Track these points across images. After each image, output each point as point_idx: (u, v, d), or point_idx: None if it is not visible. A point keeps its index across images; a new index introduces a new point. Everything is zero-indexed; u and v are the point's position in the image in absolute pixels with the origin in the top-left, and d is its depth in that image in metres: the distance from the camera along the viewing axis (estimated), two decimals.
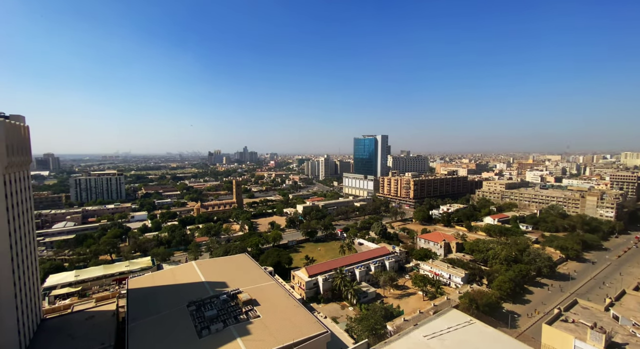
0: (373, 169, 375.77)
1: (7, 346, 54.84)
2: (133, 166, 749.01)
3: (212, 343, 55.14)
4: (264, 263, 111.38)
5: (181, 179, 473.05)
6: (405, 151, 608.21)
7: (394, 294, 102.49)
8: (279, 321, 61.86)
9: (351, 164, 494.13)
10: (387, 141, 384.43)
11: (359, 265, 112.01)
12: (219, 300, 69.62)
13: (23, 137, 65.81)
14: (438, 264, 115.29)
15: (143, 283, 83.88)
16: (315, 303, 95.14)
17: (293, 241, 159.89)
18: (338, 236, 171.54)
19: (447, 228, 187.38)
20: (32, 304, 67.03)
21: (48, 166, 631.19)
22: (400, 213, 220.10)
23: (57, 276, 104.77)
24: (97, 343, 63.24)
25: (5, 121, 57.11)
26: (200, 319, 62.62)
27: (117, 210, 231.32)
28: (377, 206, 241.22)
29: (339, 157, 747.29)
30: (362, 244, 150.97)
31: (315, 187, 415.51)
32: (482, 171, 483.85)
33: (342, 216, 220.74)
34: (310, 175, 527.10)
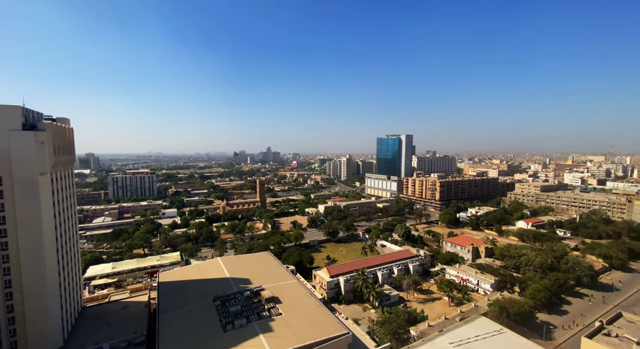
0: (397, 170, 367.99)
1: (52, 331, 59.85)
2: (164, 166, 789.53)
3: (236, 338, 56.58)
4: (285, 262, 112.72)
5: (208, 178, 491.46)
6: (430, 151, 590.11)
7: (417, 299, 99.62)
8: (300, 319, 62.24)
9: (374, 165, 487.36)
10: (412, 141, 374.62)
11: (381, 267, 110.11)
12: (242, 296, 71.36)
13: (68, 138, 71.43)
14: (465, 269, 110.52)
15: (172, 276, 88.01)
16: (337, 304, 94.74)
17: (314, 240, 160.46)
18: (360, 237, 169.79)
19: (475, 232, 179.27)
20: (74, 293, 72.60)
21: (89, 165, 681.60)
22: (425, 215, 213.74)
23: (96, 267, 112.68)
24: (131, 331, 67.27)
25: (52, 123, 62.33)
26: (225, 314, 64.50)
27: (150, 207, 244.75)
28: (400, 207, 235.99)
29: (361, 157, 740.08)
30: (385, 246, 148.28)
31: (337, 187, 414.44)
32: (514, 172, 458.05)
33: (364, 217, 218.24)
34: (332, 175, 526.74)
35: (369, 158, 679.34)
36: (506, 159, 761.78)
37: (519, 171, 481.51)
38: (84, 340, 64.15)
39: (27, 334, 57.12)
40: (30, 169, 56.06)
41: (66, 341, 63.26)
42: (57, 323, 60.97)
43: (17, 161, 54.92)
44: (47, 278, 58.50)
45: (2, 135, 53.62)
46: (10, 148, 54.31)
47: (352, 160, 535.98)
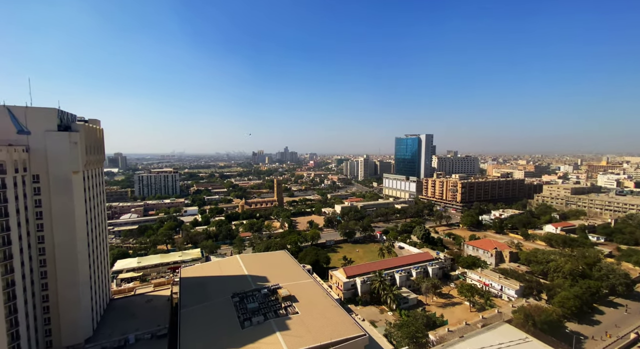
0: (416, 170, 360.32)
1: (83, 321, 63.41)
2: (186, 165, 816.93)
3: (253, 334, 57.49)
4: (302, 261, 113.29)
5: (228, 177, 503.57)
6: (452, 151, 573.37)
7: (437, 303, 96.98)
8: (316, 319, 62.30)
9: (392, 165, 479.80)
10: (432, 141, 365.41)
11: (399, 269, 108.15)
12: (260, 294, 72.44)
13: (98, 139, 75.45)
14: (488, 273, 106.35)
15: (193, 272, 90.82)
16: (353, 305, 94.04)
17: (331, 240, 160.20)
18: (377, 238, 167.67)
19: (499, 235, 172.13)
20: (103, 285, 76.59)
21: (117, 164, 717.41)
22: (446, 217, 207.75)
23: (123, 261, 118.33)
24: (155, 324, 70.07)
25: (84, 125, 66.03)
26: (243, 310, 65.73)
27: (173, 204, 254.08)
28: (419, 208, 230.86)
29: (379, 157, 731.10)
30: (403, 248, 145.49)
31: (354, 187, 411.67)
32: (542, 173, 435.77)
33: (382, 218, 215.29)
34: (349, 175, 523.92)
35: (387, 158, 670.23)
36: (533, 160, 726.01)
37: (547, 172, 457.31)
38: (111, 330, 67.55)
39: (60, 323, 60.88)
40: (64, 168, 59.71)
41: (95, 331, 66.86)
42: (87, 313, 64.55)
43: (52, 160, 58.66)
44: (79, 270, 62.08)
45: (40, 135, 57.45)
46: (47, 148, 58.08)
47: (370, 160, 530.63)
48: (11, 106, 55.47)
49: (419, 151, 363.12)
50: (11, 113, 55.16)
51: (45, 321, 60.18)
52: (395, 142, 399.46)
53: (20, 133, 55.95)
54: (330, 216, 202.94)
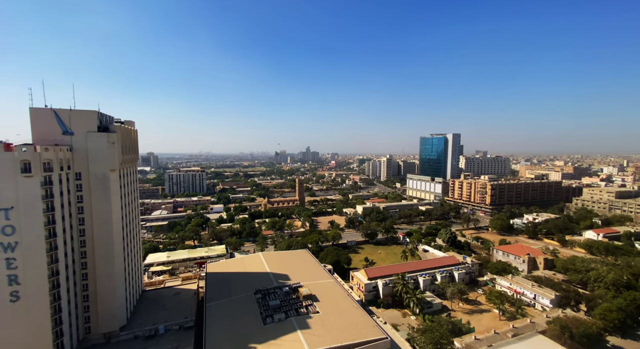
0: (442, 171, 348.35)
1: (118, 310, 67.62)
2: (213, 164, 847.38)
3: (275, 331, 58.33)
4: (323, 261, 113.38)
5: (251, 176, 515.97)
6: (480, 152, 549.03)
7: (463, 309, 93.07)
8: (337, 319, 62.03)
9: (416, 165, 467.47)
10: (460, 140, 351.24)
11: (423, 273, 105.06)
12: (281, 291, 73.39)
13: (133, 139, 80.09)
14: (520, 281, 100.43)
15: (218, 268, 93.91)
16: (375, 307, 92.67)
17: (352, 241, 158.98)
18: (400, 241, 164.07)
19: (532, 241, 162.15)
20: (136, 277, 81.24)
21: (150, 163, 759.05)
22: (474, 220, 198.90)
23: (154, 255, 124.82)
24: (182, 316, 73.25)
25: (121, 126, 70.34)
26: (265, 307, 66.92)
27: (200, 202, 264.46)
28: (445, 211, 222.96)
29: (402, 157, 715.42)
30: (427, 251, 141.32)
31: (376, 188, 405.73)
32: (582, 175, 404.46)
33: (405, 220, 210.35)
34: (371, 175, 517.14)
35: (410, 158, 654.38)
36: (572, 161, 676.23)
37: (587, 174, 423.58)
38: (143, 320, 71.48)
39: (98, 311, 65.37)
40: (103, 166, 64.01)
41: (129, 320, 71.09)
42: (122, 303, 68.77)
43: (93, 158, 63.10)
44: (114, 262, 66.30)
45: (82, 136, 62.01)
46: (88, 147, 62.57)
47: (393, 160, 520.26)
48: (57, 109, 60.36)
49: (445, 151, 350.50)
50: (57, 115, 60.02)
51: (85, 309, 64.88)
52: (420, 142, 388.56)
53: (65, 134, 60.73)
54: (351, 217, 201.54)
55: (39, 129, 59.00)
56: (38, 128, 58.99)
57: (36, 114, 58.99)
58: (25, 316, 51.79)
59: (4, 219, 49.86)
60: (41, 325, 53.37)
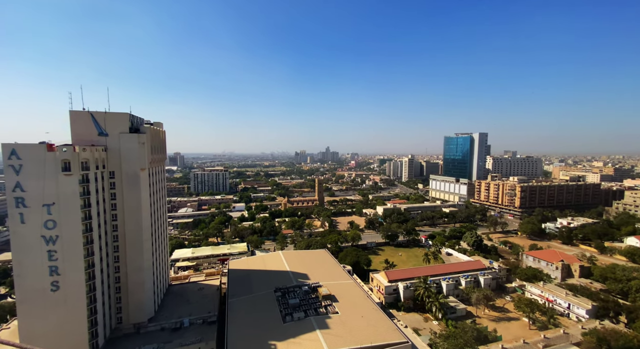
0: (467, 172, 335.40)
1: (146, 302, 71.04)
2: (235, 164, 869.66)
3: (294, 330, 58.74)
4: (342, 261, 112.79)
5: (272, 176, 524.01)
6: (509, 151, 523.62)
7: (489, 316, 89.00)
8: (357, 321, 61.42)
9: (440, 166, 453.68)
10: (487, 140, 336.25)
11: (446, 277, 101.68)
12: (301, 290, 73.80)
13: (161, 140, 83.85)
14: (553, 288, 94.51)
15: (240, 265, 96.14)
16: (395, 310, 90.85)
17: (372, 242, 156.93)
18: (422, 243, 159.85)
19: (567, 247, 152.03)
20: (163, 271, 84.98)
21: (176, 163, 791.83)
22: (501, 224, 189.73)
23: (180, 251, 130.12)
24: (206, 311, 75.68)
25: (150, 127, 73.83)
26: (285, 305, 67.60)
27: (223, 201, 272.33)
28: (470, 213, 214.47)
29: (425, 157, 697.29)
30: (451, 254, 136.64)
31: (397, 189, 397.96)
32: (623, 177, 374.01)
33: (428, 222, 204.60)
34: (392, 176, 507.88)
35: (434, 159, 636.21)
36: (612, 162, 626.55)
37: (630, 175, 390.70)
38: (169, 313, 74.65)
39: (128, 302, 69.04)
40: (134, 165, 67.50)
41: (156, 312, 74.47)
42: (150, 295, 72.20)
43: (125, 158, 66.72)
44: (144, 256, 69.74)
45: (115, 137, 65.74)
46: (121, 148, 66.24)
47: (415, 160, 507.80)
48: (93, 112, 64.40)
49: (471, 151, 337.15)
50: (94, 118, 64.03)
51: (117, 300, 68.72)
52: (444, 142, 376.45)
53: (100, 135, 64.67)
54: (371, 218, 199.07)
55: (78, 130, 63.19)
56: (77, 129, 63.20)
57: (75, 117, 63.22)
58: (63, 304, 55.71)
59: (46, 214, 53.92)
60: (78, 314, 57.19)
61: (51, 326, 54.88)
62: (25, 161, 52.75)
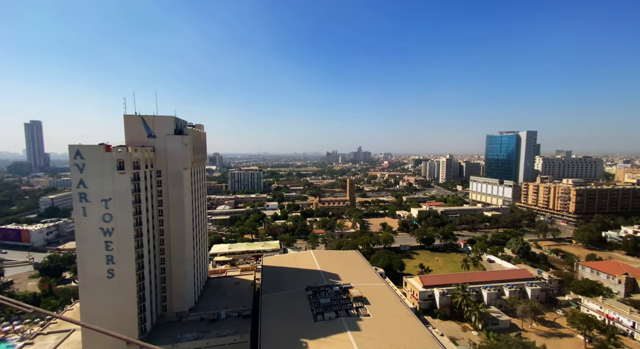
0: (512, 173, 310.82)
1: (188, 293, 75.83)
2: (269, 164, 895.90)
3: (325, 329, 58.81)
4: (374, 263, 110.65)
5: (304, 176, 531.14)
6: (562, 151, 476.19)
7: (537, 330, 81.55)
8: (389, 325, 59.83)
9: (481, 166, 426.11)
10: (535, 138, 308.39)
11: (487, 285, 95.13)
12: (332, 290, 73.74)
13: (202, 141, 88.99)
14: (614, 304, 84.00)
15: (273, 262, 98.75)
16: (430, 317, 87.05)
17: (406, 246, 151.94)
18: (460, 248, 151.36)
19: (632, 258, 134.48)
20: (202, 265, 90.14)
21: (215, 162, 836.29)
22: (552, 230, 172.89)
23: (218, 246, 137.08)
24: (241, 304, 78.83)
25: (192, 129, 78.69)
26: (316, 304, 68.01)
27: (257, 199, 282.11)
28: (516, 218, 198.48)
29: (464, 157, 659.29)
30: (493, 261, 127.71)
31: (434, 190, 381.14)
32: None
33: (467, 226, 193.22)
34: (428, 177, 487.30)
35: (474, 159, 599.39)
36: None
37: None
38: (207, 305, 78.96)
39: (172, 292, 74.28)
40: (178, 165, 72.48)
41: (196, 303, 79.22)
42: (191, 286, 77.01)
43: (170, 158, 71.89)
44: (185, 249, 74.58)
45: (162, 138, 71.08)
46: (166, 148, 71.49)
47: (453, 161, 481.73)
48: (143, 115, 70.25)
49: (518, 151, 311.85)
50: (144, 121, 69.84)
51: (162, 290, 74.30)
52: (487, 141, 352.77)
53: (149, 137, 70.36)
54: (405, 220, 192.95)
55: (130, 132, 69.40)
56: (130, 132, 69.42)
57: (128, 120, 69.48)
58: (117, 291, 61.51)
59: (104, 208, 59.94)
60: (129, 300, 62.79)
61: (107, 310, 60.88)
62: (87, 160, 59.08)
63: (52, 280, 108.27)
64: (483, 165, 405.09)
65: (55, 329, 70.83)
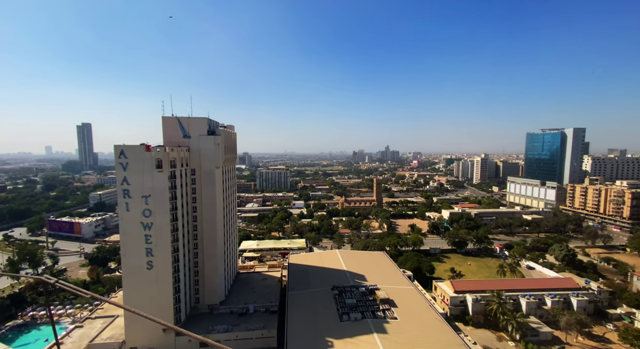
0: (556, 174, 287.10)
1: (219, 286, 79.05)
2: (295, 163, 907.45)
3: (351, 330, 58.37)
4: (402, 266, 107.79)
5: (330, 175, 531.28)
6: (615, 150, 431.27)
7: (583, 345, 74.65)
8: (418, 330, 57.98)
9: (520, 166, 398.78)
10: (584, 136, 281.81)
11: (526, 294, 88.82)
12: (358, 291, 72.99)
13: (233, 141, 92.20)
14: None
15: (299, 260, 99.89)
16: (462, 324, 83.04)
17: (436, 248, 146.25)
18: (496, 253, 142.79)
19: None
20: (233, 260, 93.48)
21: (245, 162, 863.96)
22: (603, 237, 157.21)
23: (247, 243, 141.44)
24: (268, 300, 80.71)
25: (224, 130, 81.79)
26: (342, 304, 67.70)
27: (284, 198, 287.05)
28: (560, 222, 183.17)
29: (501, 157, 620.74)
30: (533, 268, 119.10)
31: (467, 191, 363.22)
32: None
33: (504, 230, 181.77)
34: (461, 177, 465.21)
35: (513, 158, 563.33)
36: None
37: None
38: (237, 299, 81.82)
39: (204, 285, 77.87)
40: (210, 164, 75.75)
41: (226, 297, 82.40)
42: (221, 280, 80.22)
43: (203, 157, 75.33)
44: (217, 245, 77.79)
45: (196, 139, 74.68)
46: (200, 148, 74.99)
47: (489, 160, 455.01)
48: (179, 117, 74.26)
49: (562, 150, 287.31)
50: (180, 122, 73.85)
51: (195, 283, 78.15)
52: (527, 139, 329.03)
53: (184, 137, 74.28)
54: (435, 222, 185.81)
55: (168, 133, 73.71)
56: (167, 132, 73.75)
57: (166, 122, 73.84)
58: (155, 281, 65.68)
59: (144, 204, 64.24)
60: (166, 290, 66.78)
61: (146, 299, 65.25)
62: (130, 159, 63.63)
63: (99, 269, 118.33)
64: (522, 165, 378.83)
65: (101, 315, 77.43)
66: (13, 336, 78.27)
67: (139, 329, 64.19)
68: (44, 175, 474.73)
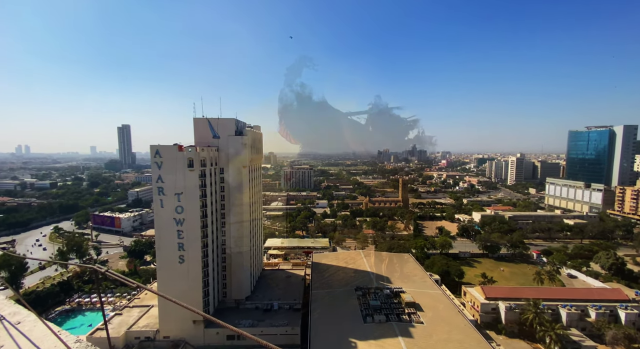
0: (603, 175, 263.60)
1: (245, 282, 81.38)
2: (319, 162, 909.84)
3: (375, 332, 57.48)
4: (429, 269, 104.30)
5: (354, 175, 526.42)
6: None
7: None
8: (446, 336, 55.84)
9: (561, 167, 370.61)
10: (636, 134, 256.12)
11: (567, 304, 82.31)
12: (382, 293, 71.73)
13: (259, 141, 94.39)
14: None
15: (322, 259, 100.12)
16: (493, 332, 78.80)
17: (466, 252, 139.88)
18: (532, 259, 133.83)
19: None
20: (258, 257, 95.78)
21: (270, 161, 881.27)
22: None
23: (272, 240, 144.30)
24: (292, 298, 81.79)
25: (251, 130, 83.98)
26: (365, 305, 66.90)
27: (308, 197, 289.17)
28: (607, 227, 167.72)
29: (539, 156, 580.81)
30: (575, 277, 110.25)
31: (500, 193, 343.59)
32: None
33: (542, 235, 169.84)
34: (494, 178, 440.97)
35: (552, 158, 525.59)
36: None
37: None
38: (262, 295, 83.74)
39: (231, 280, 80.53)
40: (238, 163, 78.14)
41: (252, 292, 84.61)
42: (247, 276, 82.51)
43: (231, 157, 77.85)
44: (243, 242, 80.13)
45: (225, 139, 77.33)
46: (228, 148, 77.58)
47: (525, 160, 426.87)
48: (209, 118, 77.32)
49: (611, 149, 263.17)
50: (210, 123, 76.89)
51: (223, 278, 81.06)
52: (569, 138, 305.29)
53: (214, 137, 77.26)
54: (465, 224, 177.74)
55: (199, 133, 77.05)
56: (198, 133, 77.12)
57: (197, 123, 77.23)
58: (186, 275, 68.99)
59: (177, 201, 67.69)
60: (196, 284, 69.95)
61: (178, 291, 68.69)
62: (165, 158, 67.33)
63: (136, 261, 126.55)
64: (563, 165, 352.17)
65: (138, 304, 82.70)
66: (61, 320, 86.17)
67: (172, 320, 67.81)
68: (89, 173, 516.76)
